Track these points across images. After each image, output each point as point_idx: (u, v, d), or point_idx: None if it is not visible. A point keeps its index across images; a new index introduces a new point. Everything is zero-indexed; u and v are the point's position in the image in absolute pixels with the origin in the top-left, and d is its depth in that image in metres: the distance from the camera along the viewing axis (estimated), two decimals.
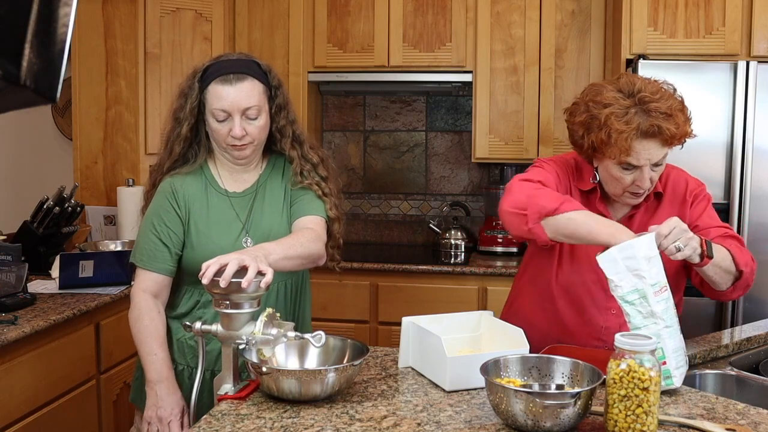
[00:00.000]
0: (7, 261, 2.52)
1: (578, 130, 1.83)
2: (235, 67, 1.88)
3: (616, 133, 1.72)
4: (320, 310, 3.46)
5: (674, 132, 1.72)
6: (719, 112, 3.00)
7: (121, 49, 3.43)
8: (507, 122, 3.63)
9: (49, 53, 0.77)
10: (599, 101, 1.77)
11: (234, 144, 1.89)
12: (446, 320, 1.90)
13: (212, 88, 1.86)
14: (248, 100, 1.86)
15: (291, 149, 1.98)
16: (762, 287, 3.03)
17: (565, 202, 1.72)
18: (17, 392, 2.29)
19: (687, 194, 1.91)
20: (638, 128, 1.71)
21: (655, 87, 1.76)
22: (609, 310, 1.88)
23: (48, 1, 0.76)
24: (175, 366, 1.93)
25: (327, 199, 1.98)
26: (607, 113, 1.73)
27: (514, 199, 1.77)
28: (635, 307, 1.58)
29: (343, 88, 3.94)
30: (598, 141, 1.76)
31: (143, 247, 1.92)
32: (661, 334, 1.58)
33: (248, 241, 1.93)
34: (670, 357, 1.60)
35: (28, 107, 0.82)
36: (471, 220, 3.99)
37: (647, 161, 1.75)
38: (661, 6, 3.13)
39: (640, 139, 1.72)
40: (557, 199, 1.72)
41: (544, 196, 1.74)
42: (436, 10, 3.63)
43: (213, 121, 1.88)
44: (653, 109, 1.71)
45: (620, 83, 1.79)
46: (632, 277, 1.57)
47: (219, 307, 1.62)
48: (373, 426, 1.47)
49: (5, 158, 3.71)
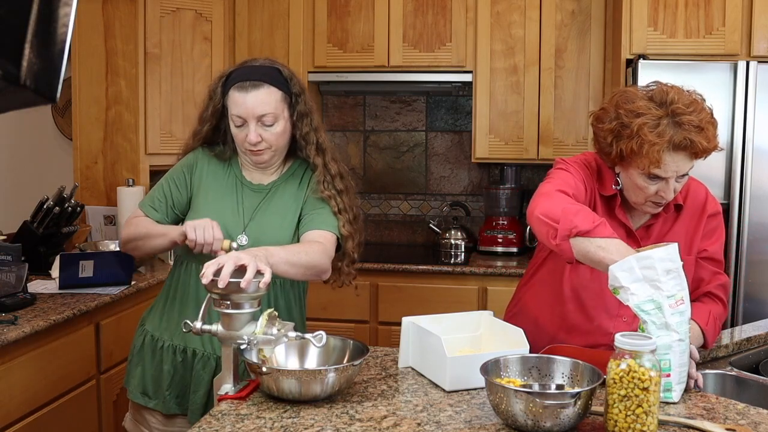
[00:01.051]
0: (7, 261, 2.52)
1: (607, 137, 1.77)
2: (254, 75, 1.91)
3: (648, 144, 1.68)
4: (320, 310, 3.46)
5: (705, 146, 1.69)
6: (719, 112, 2.96)
7: (121, 49, 3.43)
8: (507, 122, 3.63)
9: (49, 53, 0.77)
10: (631, 110, 1.72)
11: (251, 149, 1.92)
12: (446, 320, 1.90)
13: (231, 94, 1.91)
14: (263, 108, 1.88)
15: (316, 156, 1.98)
16: (762, 287, 3.04)
17: (600, 225, 1.62)
18: (17, 392, 2.29)
19: (706, 209, 1.90)
20: (670, 141, 1.68)
21: (688, 99, 1.73)
22: (620, 318, 1.86)
23: (48, 1, 0.76)
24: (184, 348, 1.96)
25: (341, 216, 1.97)
26: (639, 123, 1.69)
27: (548, 208, 1.69)
28: (651, 317, 1.55)
29: (343, 88, 3.94)
30: (628, 150, 1.72)
31: (150, 195, 2.06)
32: (673, 346, 1.56)
33: (243, 239, 1.94)
34: (675, 371, 1.58)
35: (28, 107, 0.82)
36: (471, 220, 3.99)
37: (674, 173, 1.73)
38: (661, 6, 3.13)
39: (671, 151, 1.69)
40: (592, 221, 1.63)
41: (580, 215, 1.65)
42: (436, 10, 3.63)
43: (232, 125, 1.94)
44: (686, 122, 1.68)
45: (653, 92, 1.75)
46: (648, 287, 1.54)
47: (219, 307, 1.62)
48: (373, 426, 1.48)
49: (5, 158, 3.71)
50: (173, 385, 1.96)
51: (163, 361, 1.97)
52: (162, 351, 1.98)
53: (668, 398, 1.59)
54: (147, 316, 2.08)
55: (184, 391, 1.96)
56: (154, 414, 2.00)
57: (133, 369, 2.03)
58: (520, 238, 3.73)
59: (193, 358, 1.95)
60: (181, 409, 1.96)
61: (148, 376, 1.99)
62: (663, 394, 1.56)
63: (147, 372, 1.99)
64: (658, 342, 1.52)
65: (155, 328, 2.01)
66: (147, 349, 2.00)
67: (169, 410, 1.97)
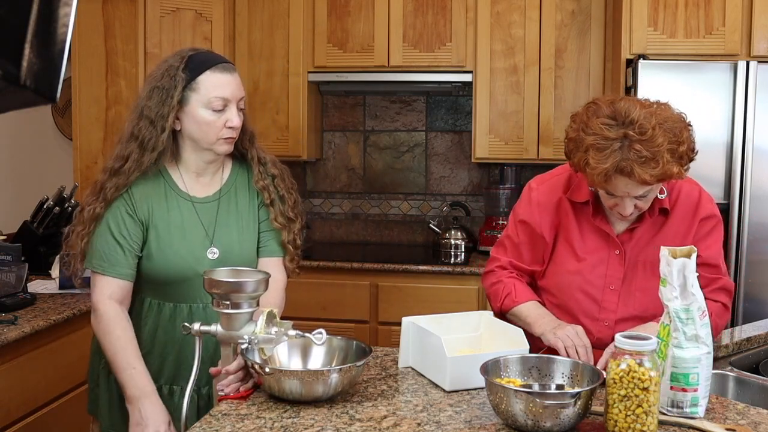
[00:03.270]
0: (7, 261, 2.52)
1: (569, 145, 1.76)
2: (221, 59, 1.84)
3: (590, 167, 1.66)
4: (320, 310, 3.47)
5: (646, 179, 1.62)
6: (719, 112, 3.00)
7: (121, 49, 3.43)
8: (507, 122, 3.63)
9: (49, 53, 0.77)
10: (588, 125, 1.69)
11: (229, 136, 1.81)
12: (446, 320, 1.90)
13: (208, 76, 1.77)
14: (241, 90, 1.84)
15: (251, 146, 1.92)
16: (762, 287, 3.04)
17: (504, 300, 1.91)
18: (17, 392, 2.29)
19: (698, 212, 1.83)
20: (615, 166, 1.63)
21: (649, 122, 1.62)
22: (602, 322, 1.85)
23: (48, 1, 0.76)
24: None
25: (272, 209, 1.90)
26: (589, 143, 1.66)
27: (485, 285, 2.02)
28: (684, 326, 1.50)
29: (343, 88, 3.94)
30: (578, 165, 1.71)
31: (101, 251, 1.78)
32: (702, 359, 1.51)
33: (214, 251, 1.85)
34: (703, 385, 1.52)
35: (28, 107, 0.82)
36: (471, 220, 3.99)
37: (626, 194, 1.69)
38: (661, 6, 3.13)
39: (616, 174, 1.64)
40: (500, 296, 1.92)
41: (492, 295, 1.96)
42: (436, 10, 3.63)
43: (206, 112, 1.78)
44: (635, 150, 1.61)
45: (618, 107, 1.67)
46: (688, 294, 1.51)
47: (218, 307, 1.62)
48: (373, 426, 1.47)
49: (5, 158, 3.71)
50: None
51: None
52: None
53: (695, 413, 1.51)
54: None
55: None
56: None
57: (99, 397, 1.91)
58: None
59: (180, 394, 1.83)
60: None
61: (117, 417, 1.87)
62: (689, 409, 1.50)
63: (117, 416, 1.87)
64: (687, 355, 1.49)
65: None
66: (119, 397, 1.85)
67: None
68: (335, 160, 4.14)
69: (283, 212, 1.91)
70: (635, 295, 1.82)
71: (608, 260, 1.84)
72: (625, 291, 1.84)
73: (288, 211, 1.92)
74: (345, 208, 4.16)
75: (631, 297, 1.83)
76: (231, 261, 1.84)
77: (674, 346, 1.51)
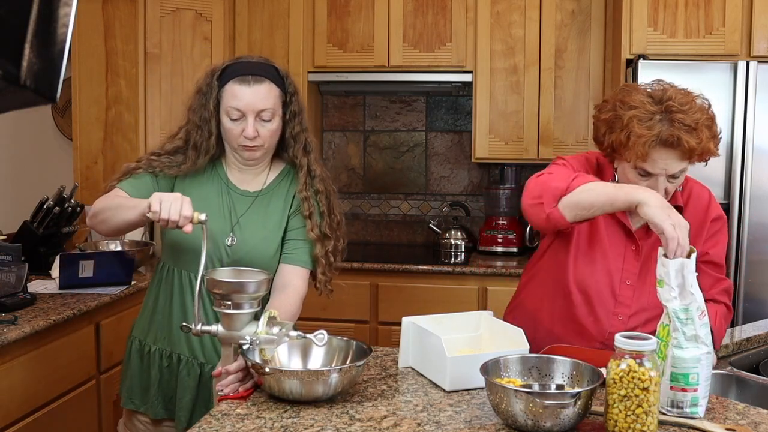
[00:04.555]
0: (7, 261, 2.52)
1: (601, 128, 1.81)
2: (255, 69, 1.89)
3: (635, 136, 1.69)
4: (320, 310, 3.46)
5: (693, 146, 1.68)
6: (719, 112, 2.95)
7: (121, 49, 3.43)
8: (507, 122, 3.63)
9: (49, 53, 0.77)
10: (626, 102, 1.75)
11: (245, 145, 1.88)
12: (446, 320, 1.90)
13: (229, 86, 1.87)
14: (264, 103, 1.87)
15: (302, 156, 1.97)
16: (762, 287, 3.04)
17: (577, 177, 1.71)
18: (17, 392, 2.29)
19: (709, 213, 1.89)
20: (658, 136, 1.68)
21: (686, 98, 1.73)
22: (616, 316, 1.86)
23: (48, 1, 0.76)
24: (170, 354, 1.94)
25: (310, 221, 1.92)
26: (631, 115, 1.71)
27: (530, 191, 1.79)
28: (683, 326, 1.51)
29: (343, 88, 3.94)
30: (617, 142, 1.74)
31: (130, 179, 1.93)
32: (702, 359, 1.51)
33: (233, 238, 1.91)
34: (703, 385, 1.52)
35: (28, 107, 0.82)
36: (471, 220, 3.99)
37: (663, 171, 1.73)
38: (661, 6, 3.13)
39: (659, 147, 1.69)
40: (568, 177, 1.72)
41: (555, 178, 1.74)
42: (436, 10, 3.63)
43: (227, 119, 1.88)
44: (678, 119, 1.68)
45: (654, 89, 1.76)
46: (687, 294, 1.52)
47: (220, 307, 1.62)
48: (373, 426, 1.47)
49: (5, 158, 3.71)
50: (160, 389, 1.95)
51: (150, 366, 1.96)
52: (149, 356, 1.96)
53: (695, 413, 1.51)
54: (136, 323, 2.06)
55: (171, 395, 1.94)
56: (142, 418, 1.99)
57: (124, 375, 2.02)
58: (520, 238, 3.73)
59: (178, 363, 1.93)
60: (168, 413, 1.95)
61: (136, 381, 1.98)
62: (689, 409, 1.51)
63: (135, 377, 1.98)
64: (687, 355, 1.50)
65: (142, 334, 2.00)
66: (135, 354, 1.99)
67: (156, 414, 1.95)
68: (335, 160, 4.14)
69: (320, 226, 1.94)
70: (649, 291, 1.83)
71: (625, 255, 1.87)
72: (639, 286, 1.85)
73: (326, 228, 1.95)
74: (345, 208, 4.14)
75: (644, 293, 1.85)
76: (243, 253, 1.90)
77: (674, 346, 1.52)
